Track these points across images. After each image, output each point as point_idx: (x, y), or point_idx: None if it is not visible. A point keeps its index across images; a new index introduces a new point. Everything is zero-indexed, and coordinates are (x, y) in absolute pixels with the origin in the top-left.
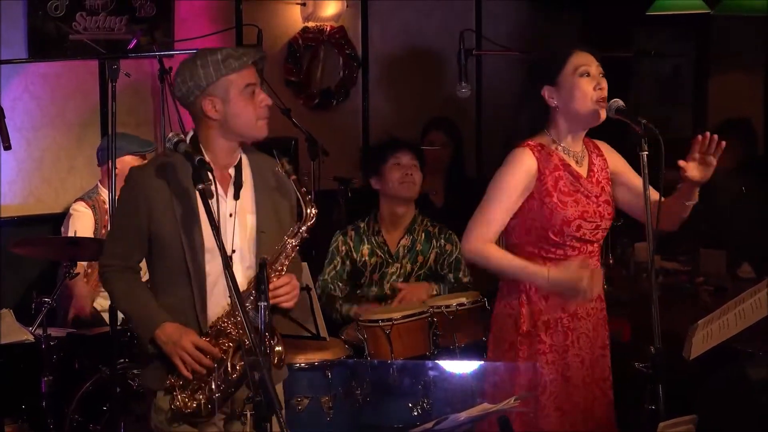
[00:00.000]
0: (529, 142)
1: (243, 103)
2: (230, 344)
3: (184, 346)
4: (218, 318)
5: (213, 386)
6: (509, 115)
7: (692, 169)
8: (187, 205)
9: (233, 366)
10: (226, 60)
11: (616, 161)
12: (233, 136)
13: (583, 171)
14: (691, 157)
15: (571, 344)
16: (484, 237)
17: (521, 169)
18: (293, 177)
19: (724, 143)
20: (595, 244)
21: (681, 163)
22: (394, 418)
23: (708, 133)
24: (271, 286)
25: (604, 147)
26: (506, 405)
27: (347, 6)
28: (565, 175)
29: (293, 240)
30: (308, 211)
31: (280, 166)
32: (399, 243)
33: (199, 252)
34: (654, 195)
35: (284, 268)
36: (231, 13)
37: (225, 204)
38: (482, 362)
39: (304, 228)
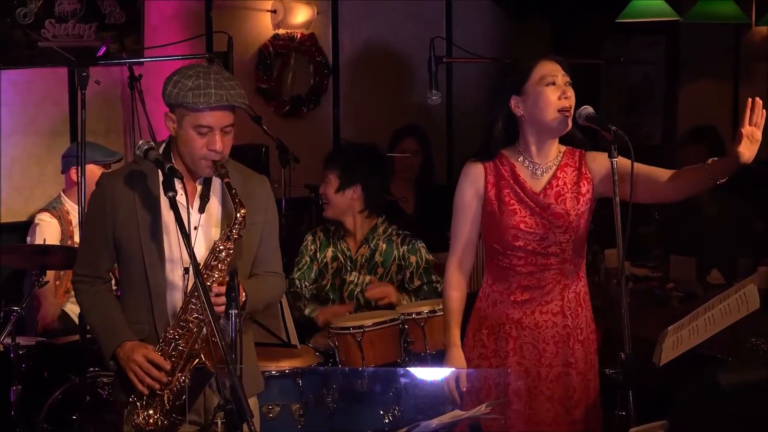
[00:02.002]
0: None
1: (191, 137)
2: (178, 356)
3: (135, 360)
4: (165, 329)
5: (165, 400)
6: (480, 123)
7: (744, 147)
8: (151, 214)
9: (179, 379)
10: (190, 91)
11: (604, 166)
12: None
13: (538, 183)
14: (742, 131)
15: (512, 351)
16: (454, 254)
17: (467, 181)
18: (226, 180)
19: (765, 111)
20: (552, 258)
21: (745, 131)
22: (365, 425)
23: (750, 99)
24: (211, 293)
25: (591, 156)
26: (477, 412)
27: (317, 13)
28: (511, 185)
29: (226, 244)
30: (237, 214)
31: (214, 171)
32: (357, 252)
33: (159, 261)
34: (665, 172)
35: (221, 275)
36: (201, 20)
37: (190, 216)
38: (453, 369)
39: (235, 230)
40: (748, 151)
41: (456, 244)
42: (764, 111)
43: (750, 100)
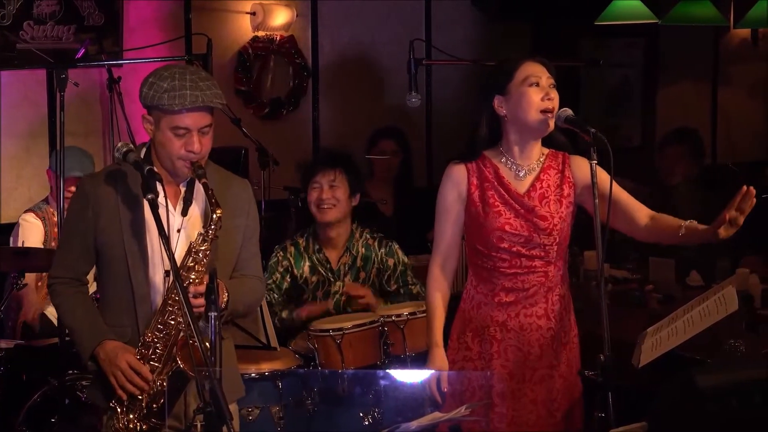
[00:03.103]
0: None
1: (168, 138)
2: (157, 360)
3: (118, 365)
4: (144, 332)
5: (144, 404)
6: (459, 125)
7: (723, 229)
8: (133, 215)
9: (159, 383)
10: (165, 93)
11: (588, 177)
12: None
13: (521, 184)
14: (726, 215)
15: (496, 353)
16: (437, 255)
17: (449, 183)
18: (204, 180)
19: (754, 200)
20: (536, 261)
21: (729, 216)
22: (345, 427)
23: (745, 187)
24: (189, 294)
25: (579, 163)
26: (457, 414)
27: (297, 15)
28: (495, 187)
29: (204, 245)
30: (214, 215)
31: (192, 171)
32: (339, 261)
33: (142, 263)
34: (644, 212)
35: (198, 276)
36: (180, 22)
37: (173, 219)
38: (433, 371)
39: (211, 231)
40: (725, 232)
41: (439, 245)
42: (754, 200)
43: (744, 187)
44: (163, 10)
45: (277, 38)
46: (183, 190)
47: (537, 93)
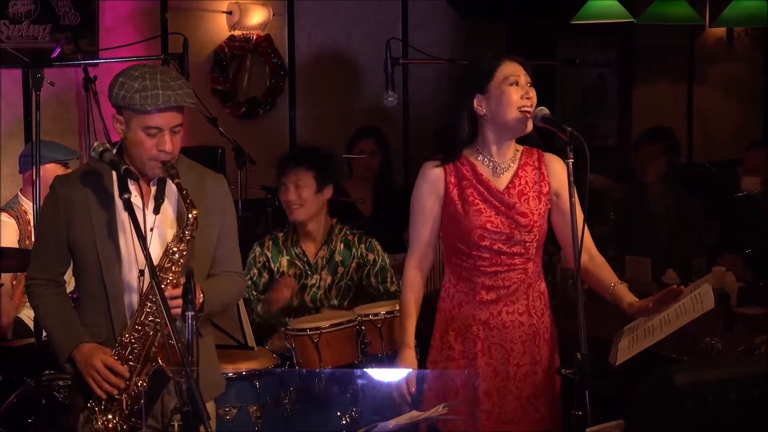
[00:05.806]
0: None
1: (139, 138)
2: (135, 360)
3: (93, 365)
4: (122, 333)
5: (124, 405)
6: (436, 124)
7: (640, 309)
8: (106, 215)
9: (137, 384)
10: (137, 93)
11: (562, 184)
12: None
13: (500, 182)
14: (649, 306)
15: (480, 352)
16: (413, 256)
17: (425, 182)
18: (177, 180)
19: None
20: (516, 258)
21: (648, 309)
22: (322, 427)
23: (675, 287)
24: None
25: (554, 165)
26: (435, 413)
27: (273, 15)
28: (474, 185)
29: (179, 245)
30: (189, 215)
31: (164, 171)
32: (317, 255)
33: (115, 263)
34: (586, 248)
35: (176, 276)
36: (156, 21)
37: (146, 218)
38: (411, 370)
39: (187, 231)
40: (639, 314)
41: (415, 246)
42: (677, 301)
43: (675, 286)
44: (139, 10)
45: (254, 37)
46: (153, 188)
47: (517, 92)
